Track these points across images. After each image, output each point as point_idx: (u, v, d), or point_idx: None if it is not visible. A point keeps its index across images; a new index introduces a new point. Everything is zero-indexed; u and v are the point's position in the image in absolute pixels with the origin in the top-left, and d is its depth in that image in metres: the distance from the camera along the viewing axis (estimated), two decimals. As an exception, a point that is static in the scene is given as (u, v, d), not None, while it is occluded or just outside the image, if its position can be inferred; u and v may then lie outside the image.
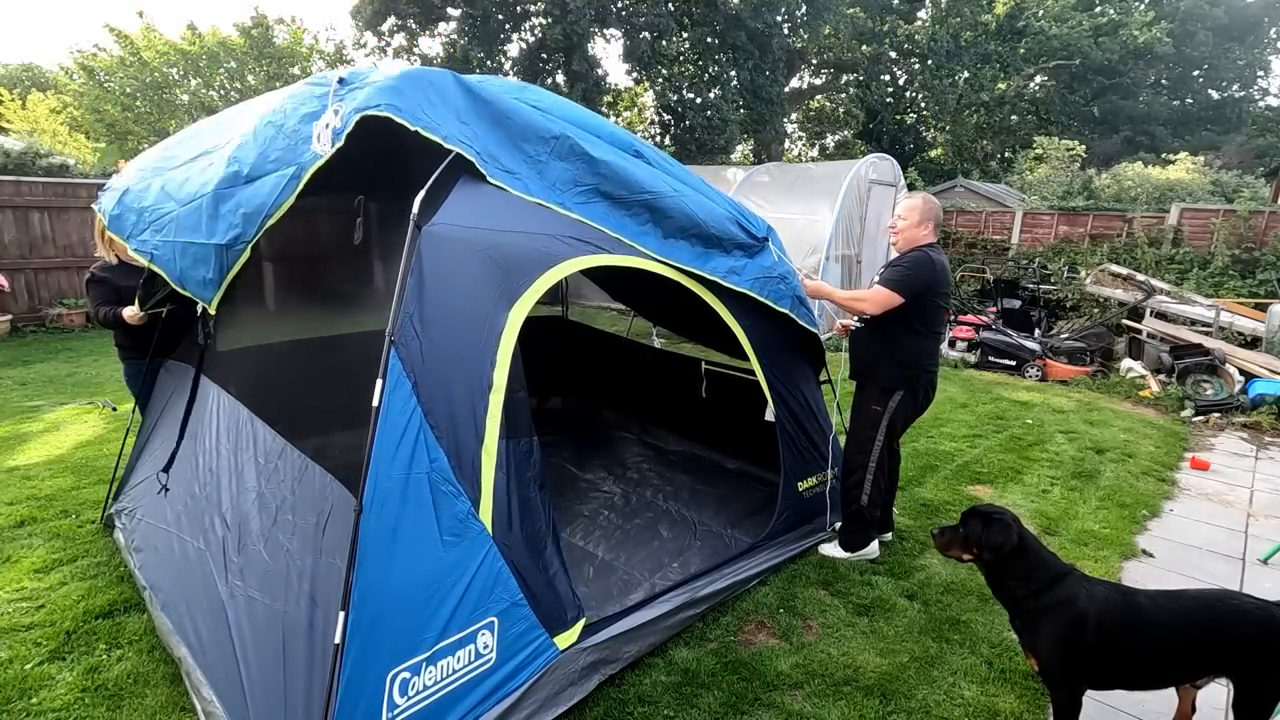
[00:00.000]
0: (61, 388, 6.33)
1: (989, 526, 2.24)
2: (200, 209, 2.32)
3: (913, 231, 3.22)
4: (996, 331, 8.18)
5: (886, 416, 3.25)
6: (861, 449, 3.31)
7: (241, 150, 2.39)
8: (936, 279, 3.16)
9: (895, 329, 3.20)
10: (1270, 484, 4.71)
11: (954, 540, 2.35)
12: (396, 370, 1.95)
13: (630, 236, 2.69)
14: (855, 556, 3.41)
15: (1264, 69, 24.67)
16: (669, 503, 3.86)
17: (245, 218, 2.23)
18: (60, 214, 8.89)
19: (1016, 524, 2.24)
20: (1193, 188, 11.89)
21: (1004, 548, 2.20)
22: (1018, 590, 2.19)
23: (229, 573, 2.35)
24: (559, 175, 2.52)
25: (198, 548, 2.56)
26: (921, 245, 3.21)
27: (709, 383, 4.53)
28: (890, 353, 3.23)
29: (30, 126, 16.48)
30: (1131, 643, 2.05)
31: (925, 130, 23.95)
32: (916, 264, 3.15)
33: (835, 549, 3.47)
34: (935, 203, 3.28)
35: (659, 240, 2.80)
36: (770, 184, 10.16)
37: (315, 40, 19.63)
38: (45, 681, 2.47)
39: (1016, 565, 2.20)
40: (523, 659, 2.18)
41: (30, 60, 35.38)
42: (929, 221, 3.22)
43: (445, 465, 2.02)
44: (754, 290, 3.15)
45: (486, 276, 2.23)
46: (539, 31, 15.34)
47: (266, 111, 2.47)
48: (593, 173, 2.58)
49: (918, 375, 3.26)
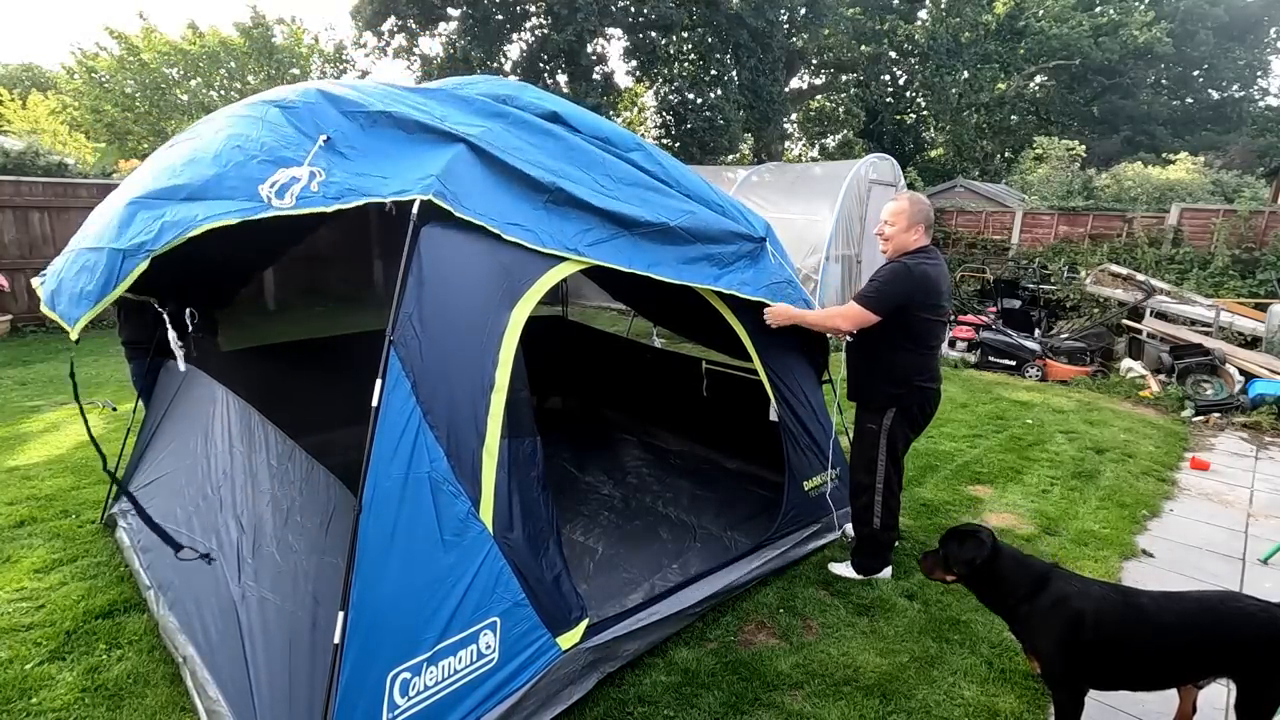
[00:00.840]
0: (61, 388, 6.33)
1: (962, 543, 2.30)
2: (114, 213, 1.93)
3: (902, 238, 2.98)
4: (996, 331, 8.18)
5: (884, 435, 3.05)
6: (867, 469, 3.13)
7: (194, 165, 2.07)
8: (916, 290, 2.90)
9: (879, 346, 3.02)
10: (1270, 484, 4.71)
11: (936, 563, 2.42)
12: (395, 370, 1.95)
13: (644, 268, 2.68)
14: (868, 578, 3.25)
15: (1264, 69, 24.65)
16: (669, 508, 3.85)
17: (163, 226, 1.85)
18: (60, 214, 8.89)
19: (991, 538, 2.29)
20: (1193, 188, 11.88)
21: (975, 561, 2.25)
22: (1008, 599, 2.23)
23: (242, 574, 2.35)
24: (566, 224, 2.49)
25: (208, 548, 2.56)
26: (911, 251, 2.98)
27: (709, 382, 4.53)
28: (876, 370, 3.04)
29: (30, 126, 16.49)
30: (1132, 642, 2.05)
31: (925, 130, 23.94)
32: (893, 276, 2.93)
33: (847, 569, 3.29)
34: (924, 202, 3.02)
35: (674, 268, 2.81)
36: (770, 184, 10.16)
37: (315, 40, 19.64)
38: (45, 681, 2.47)
39: (998, 575, 2.25)
40: (525, 659, 2.18)
41: (30, 60, 35.39)
42: (919, 225, 2.97)
43: (445, 465, 2.02)
44: (767, 297, 3.19)
45: (488, 275, 2.23)
46: (539, 32, 15.34)
47: (236, 127, 2.22)
48: (597, 219, 2.57)
49: (908, 393, 3.03)
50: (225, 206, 1.90)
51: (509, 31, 15.61)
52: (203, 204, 1.92)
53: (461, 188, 2.19)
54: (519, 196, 2.38)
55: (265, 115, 2.22)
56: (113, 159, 13.28)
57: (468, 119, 2.47)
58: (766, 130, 17.35)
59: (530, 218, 2.36)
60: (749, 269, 3.15)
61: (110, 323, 9.59)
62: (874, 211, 9.82)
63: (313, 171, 1.98)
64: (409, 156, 2.23)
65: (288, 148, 2.08)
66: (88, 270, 1.78)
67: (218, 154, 2.09)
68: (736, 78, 15.38)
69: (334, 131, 2.16)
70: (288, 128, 2.16)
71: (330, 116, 2.22)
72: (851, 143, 21.95)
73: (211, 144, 2.17)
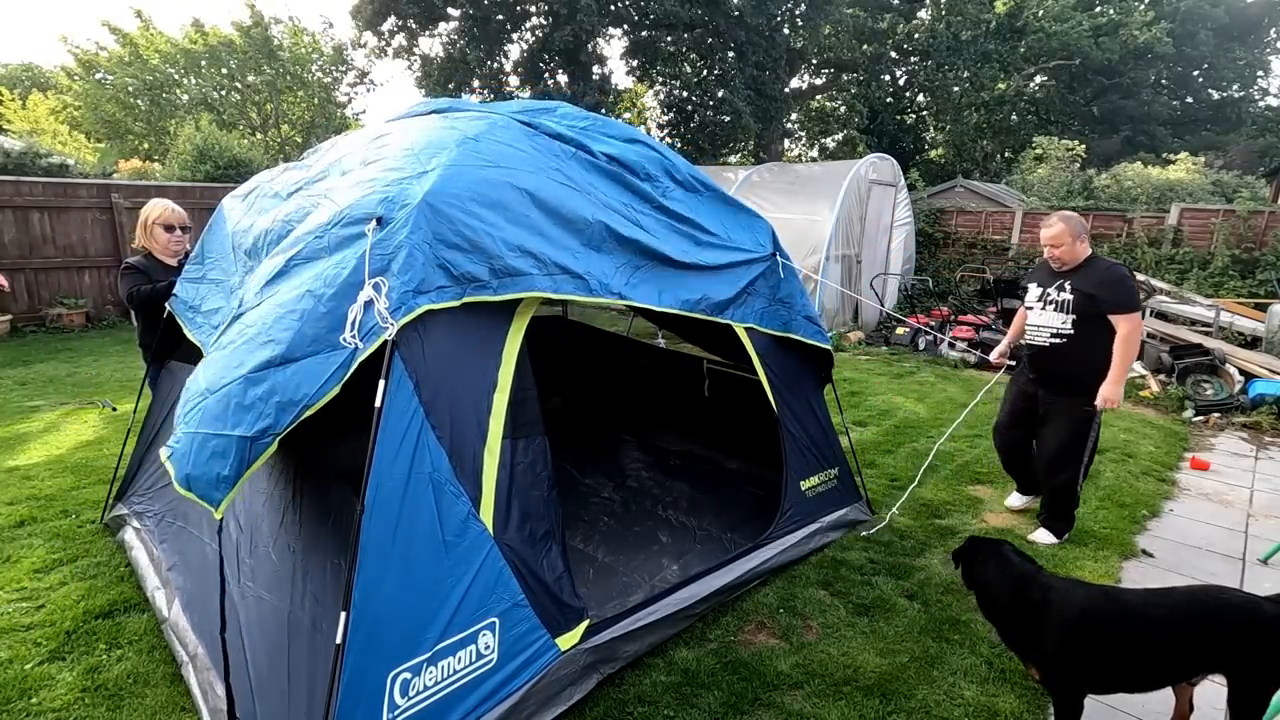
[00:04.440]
0: (61, 388, 6.34)
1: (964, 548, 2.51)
2: (228, 395, 1.95)
3: (1076, 249, 3.48)
4: (997, 331, 8.18)
5: (1099, 415, 3.53)
6: (1076, 446, 3.56)
7: (277, 325, 2.03)
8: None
9: (1103, 338, 3.43)
10: (1270, 484, 4.71)
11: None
12: (399, 371, 1.95)
13: (672, 306, 2.82)
14: (1061, 540, 3.70)
15: (1264, 69, 24.62)
16: (669, 511, 3.85)
17: (279, 407, 1.86)
18: (60, 214, 8.89)
19: (984, 544, 2.46)
20: (1193, 188, 11.87)
21: (957, 562, 2.48)
22: (993, 604, 2.34)
23: (241, 574, 2.36)
24: (608, 263, 2.58)
25: (213, 549, 2.56)
26: (1090, 256, 3.51)
27: (711, 381, 4.53)
28: (1098, 359, 3.46)
29: (30, 126, 16.48)
30: (1122, 638, 2.08)
31: (925, 130, 23.94)
32: (1127, 278, 3.43)
33: (1047, 535, 3.72)
34: (1075, 216, 3.51)
35: (706, 309, 2.98)
36: (770, 184, 10.15)
37: (315, 40, 19.65)
38: (45, 681, 2.47)
39: (981, 579, 2.39)
40: (524, 659, 2.19)
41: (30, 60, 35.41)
42: (1082, 235, 3.49)
43: (446, 466, 2.03)
44: (768, 326, 3.32)
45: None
46: (540, 32, 15.32)
47: (302, 269, 2.20)
48: (636, 252, 2.67)
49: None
50: (321, 368, 1.91)
51: (509, 31, 15.60)
52: (296, 366, 1.93)
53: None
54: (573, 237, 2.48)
55: (337, 251, 2.15)
56: (113, 159, 13.28)
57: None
58: (768, 129, 17.34)
59: (583, 266, 2.46)
60: (762, 300, 3.32)
61: (110, 323, 9.60)
62: (874, 211, 9.82)
63: (377, 285, 1.96)
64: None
65: (350, 260, 2.06)
66: (219, 456, 1.84)
67: (292, 303, 2.07)
68: (739, 76, 15.35)
69: (382, 208, 2.15)
70: (347, 244, 2.14)
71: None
72: (852, 142, 21.95)
73: (287, 293, 2.14)
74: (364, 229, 2.08)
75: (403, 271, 1.99)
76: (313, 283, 2.07)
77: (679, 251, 2.84)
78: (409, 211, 2.07)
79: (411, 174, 2.23)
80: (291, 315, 2.02)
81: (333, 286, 2.01)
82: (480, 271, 2.14)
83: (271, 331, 2.02)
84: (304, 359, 1.92)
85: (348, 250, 2.10)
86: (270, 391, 1.89)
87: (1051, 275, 3.60)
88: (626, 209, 2.72)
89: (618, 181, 2.78)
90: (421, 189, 2.13)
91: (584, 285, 2.43)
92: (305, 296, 2.03)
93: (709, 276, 2.99)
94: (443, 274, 2.06)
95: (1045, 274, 3.66)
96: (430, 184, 2.14)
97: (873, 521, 3.84)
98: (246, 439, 1.84)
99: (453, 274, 2.08)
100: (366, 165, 2.53)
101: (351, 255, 2.06)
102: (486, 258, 2.16)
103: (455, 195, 2.16)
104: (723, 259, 3.06)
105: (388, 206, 2.12)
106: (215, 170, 11.22)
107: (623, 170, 2.81)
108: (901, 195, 10.59)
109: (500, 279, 2.19)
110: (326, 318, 1.96)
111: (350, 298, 1.96)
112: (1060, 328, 3.51)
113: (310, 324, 1.97)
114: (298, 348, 1.94)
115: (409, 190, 2.15)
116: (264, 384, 1.91)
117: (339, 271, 2.04)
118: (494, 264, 2.17)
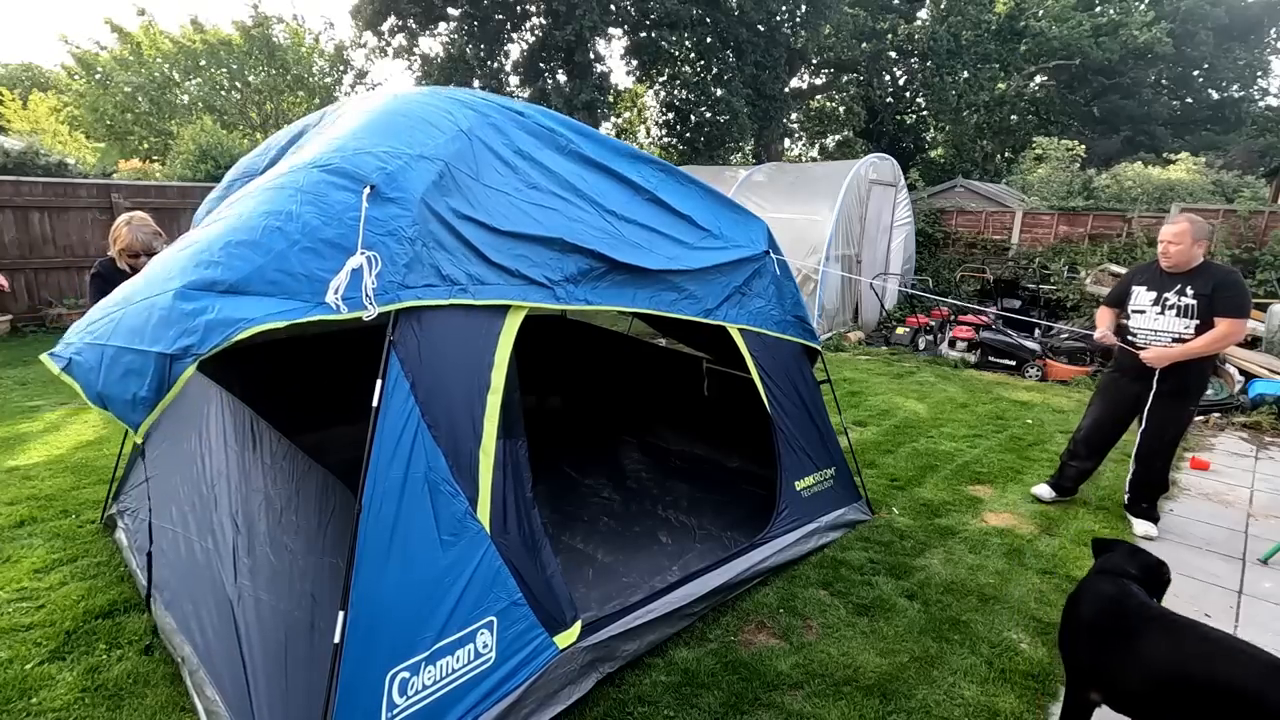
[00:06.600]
0: (61, 388, 6.33)
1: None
2: (151, 307, 1.77)
3: (1192, 252, 3.50)
4: (996, 331, 8.18)
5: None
6: (1174, 439, 3.78)
7: (227, 250, 1.84)
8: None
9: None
10: (1270, 484, 4.71)
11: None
12: (395, 370, 1.95)
13: (662, 309, 2.87)
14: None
15: (1264, 69, 24.60)
16: (669, 510, 3.84)
17: (208, 326, 1.69)
18: (60, 214, 8.88)
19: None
20: (1193, 188, 11.86)
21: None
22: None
23: (238, 574, 2.35)
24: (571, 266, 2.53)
25: (205, 548, 2.56)
26: (1204, 262, 3.55)
27: (710, 381, 4.53)
28: (1208, 362, 3.65)
29: (30, 126, 16.50)
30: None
31: (925, 130, 23.93)
32: (1242, 282, 3.50)
33: (1149, 527, 3.85)
34: (1202, 221, 3.52)
35: (696, 311, 3.01)
36: (770, 184, 10.15)
37: (316, 40, 19.66)
38: (45, 681, 2.47)
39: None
40: (522, 658, 2.18)
41: (30, 60, 35.43)
42: (1203, 240, 3.51)
43: (443, 465, 2.03)
44: (759, 326, 3.32)
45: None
46: (540, 31, 15.32)
47: (271, 198, 1.99)
48: (605, 261, 2.62)
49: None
50: (277, 308, 1.77)
51: (509, 31, 15.60)
52: (246, 299, 1.78)
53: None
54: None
55: (304, 182, 2.00)
56: (113, 159, 13.29)
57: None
58: (768, 129, 17.34)
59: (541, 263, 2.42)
60: (757, 299, 3.34)
61: (110, 323, 9.57)
62: (874, 211, 9.81)
63: (368, 257, 1.84)
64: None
65: (334, 207, 1.92)
66: (135, 374, 1.67)
67: (255, 228, 1.90)
68: (739, 75, 15.35)
69: (377, 176, 2.02)
70: (327, 189, 1.98)
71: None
72: (852, 142, 21.93)
73: (248, 214, 1.97)
74: (358, 190, 1.96)
75: (394, 259, 1.95)
76: (284, 221, 1.89)
77: (664, 259, 2.82)
78: (409, 199, 2.02)
79: (411, 154, 2.13)
80: (252, 248, 1.84)
81: (309, 239, 1.87)
82: (459, 275, 2.13)
83: (222, 255, 1.83)
84: (258, 296, 1.77)
85: (330, 196, 1.96)
86: (201, 310, 1.72)
87: (1165, 278, 3.58)
88: (609, 215, 2.69)
89: (606, 174, 2.76)
90: (421, 181, 2.09)
91: (550, 295, 2.40)
92: (275, 234, 1.86)
93: (693, 280, 2.99)
94: (433, 272, 2.06)
95: (1156, 276, 3.63)
96: (430, 179, 2.13)
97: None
98: (166, 356, 1.68)
99: (441, 274, 2.08)
100: (355, 127, 2.32)
101: (335, 207, 1.93)
102: (466, 263, 2.15)
103: (447, 197, 2.16)
104: (713, 260, 3.05)
105: (385, 180, 2.01)
106: (216, 170, 11.23)
107: (611, 155, 2.81)
108: (901, 195, 10.58)
109: (476, 285, 2.18)
110: (297, 267, 1.83)
111: (328, 256, 1.85)
112: (1183, 333, 3.54)
113: (275, 266, 1.81)
114: (253, 283, 1.78)
115: (409, 175, 2.07)
116: (198, 303, 1.74)
117: (318, 224, 1.89)
118: (470, 270, 2.16)
